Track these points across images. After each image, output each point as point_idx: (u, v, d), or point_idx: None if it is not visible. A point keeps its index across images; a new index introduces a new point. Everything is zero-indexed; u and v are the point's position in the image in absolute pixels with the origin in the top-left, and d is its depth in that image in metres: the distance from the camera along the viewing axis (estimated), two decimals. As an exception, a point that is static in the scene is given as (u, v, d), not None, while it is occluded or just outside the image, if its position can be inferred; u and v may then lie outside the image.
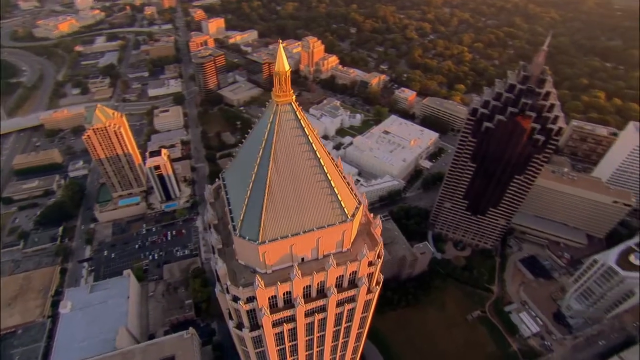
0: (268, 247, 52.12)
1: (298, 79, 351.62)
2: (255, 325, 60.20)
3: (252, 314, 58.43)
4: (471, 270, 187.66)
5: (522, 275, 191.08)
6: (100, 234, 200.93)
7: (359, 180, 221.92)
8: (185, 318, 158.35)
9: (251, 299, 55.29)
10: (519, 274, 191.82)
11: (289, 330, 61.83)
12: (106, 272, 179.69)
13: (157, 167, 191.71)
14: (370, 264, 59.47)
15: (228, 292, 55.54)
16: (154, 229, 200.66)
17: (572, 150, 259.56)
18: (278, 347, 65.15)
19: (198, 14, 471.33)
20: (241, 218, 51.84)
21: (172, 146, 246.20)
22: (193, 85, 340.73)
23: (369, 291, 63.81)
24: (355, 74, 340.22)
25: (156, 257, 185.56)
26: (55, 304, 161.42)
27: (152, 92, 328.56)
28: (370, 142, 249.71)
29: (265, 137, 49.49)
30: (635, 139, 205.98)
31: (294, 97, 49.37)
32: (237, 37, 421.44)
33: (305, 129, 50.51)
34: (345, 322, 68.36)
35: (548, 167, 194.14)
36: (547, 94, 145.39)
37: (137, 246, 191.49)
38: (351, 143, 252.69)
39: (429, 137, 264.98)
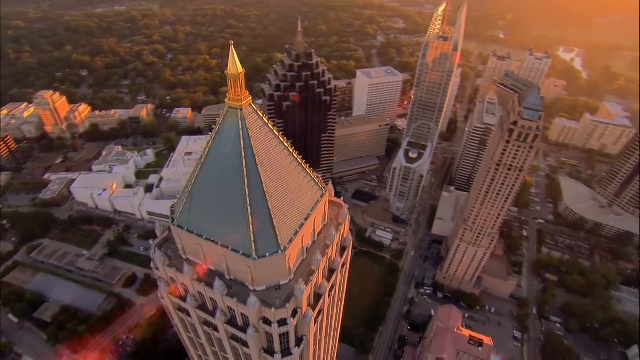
0: (290, 251, 50.83)
1: (53, 143, 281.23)
2: (297, 340, 57.39)
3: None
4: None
5: (360, 207, 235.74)
6: None
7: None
8: None
9: (294, 312, 52.74)
10: (357, 207, 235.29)
11: (320, 323, 61.91)
12: None
13: None
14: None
15: (270, 323, 50.94)
16: None
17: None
18: (314, 349, 63.93)
19: None
20: (252, 239, 47.93)
21: None
22: None
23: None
24: (118, 114, 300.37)
25: None
26: None
27: None
28: (179, 168, 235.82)
29: (242, 145, 46.95)
30: (366, 81, 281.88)
31: (250, 97, 48.36)
32: None
33: (269, 124, 50.75)
34: (341, 288, 73.13)
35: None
36: (317, 63, 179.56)
37: None
38: (161, 179, 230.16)
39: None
